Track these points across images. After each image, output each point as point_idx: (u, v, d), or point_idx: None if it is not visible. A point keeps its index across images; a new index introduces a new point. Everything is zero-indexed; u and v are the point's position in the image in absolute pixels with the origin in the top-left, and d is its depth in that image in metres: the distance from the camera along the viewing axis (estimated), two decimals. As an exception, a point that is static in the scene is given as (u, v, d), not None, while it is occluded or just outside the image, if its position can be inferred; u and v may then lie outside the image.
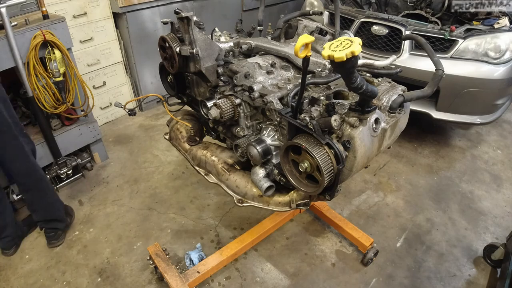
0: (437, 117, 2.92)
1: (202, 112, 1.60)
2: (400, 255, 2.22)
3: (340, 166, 1.17)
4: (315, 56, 1.59)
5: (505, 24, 2.76)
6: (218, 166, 1.64)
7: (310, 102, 1.27)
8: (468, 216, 2.55)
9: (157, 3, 3.30)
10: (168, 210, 2.49)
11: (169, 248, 2.17)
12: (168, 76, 1.85)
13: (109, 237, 2.27)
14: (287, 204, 1.52)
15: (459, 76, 2.69)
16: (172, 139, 1.90)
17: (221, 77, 1.53)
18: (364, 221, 2.45)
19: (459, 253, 2.26)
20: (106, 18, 3.11)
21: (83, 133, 2.64)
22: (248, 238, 2.02)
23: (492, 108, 2.89)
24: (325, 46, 0.90)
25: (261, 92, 1.42)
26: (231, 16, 4.04)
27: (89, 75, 3.17)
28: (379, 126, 1.26)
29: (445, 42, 2.78)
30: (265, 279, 2.04)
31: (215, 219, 2.42)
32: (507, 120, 3.78)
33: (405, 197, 2.70)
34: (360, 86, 0.99)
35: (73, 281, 2.01)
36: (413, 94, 1.33)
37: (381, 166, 3.02)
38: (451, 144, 3.37)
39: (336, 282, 2.04)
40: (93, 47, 3.11)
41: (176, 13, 1.35)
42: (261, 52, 1.69)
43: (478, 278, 2.12)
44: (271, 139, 1.45)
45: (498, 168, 3.08)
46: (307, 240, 2.29)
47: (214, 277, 2.03)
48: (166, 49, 1.47)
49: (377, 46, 3.06)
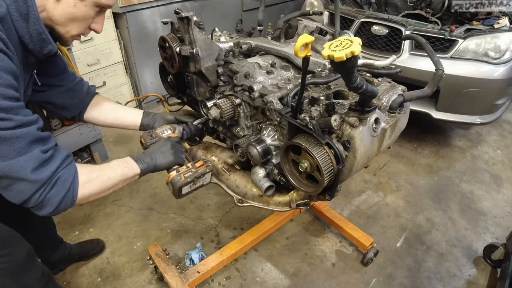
0: (437, 117, 2.92)
1: (202, 112, 1.59)
2: (400, 255, 2.22)
3: (340, 166, 1.17)
4: (315, 56, 1.59)
5: (505, 24, 2.76)
6: (218, 166, 1.64)
7: (310, 102, 1.27)
8: (468, 216, 2.55)
9: (157, 3, 3.30)
10: (168, 210, 2.49)
11: (169, 248, 2.17)
12: (168, 76, 1.85)
13: (109, 237, 2.27)
14: (287, 204, 1.52)
15: (459, 76, 2.69)
16: (172, 139, 1.90)
17: (221, 77, 1.53)
18: (364, 221, 2.45)
19: (459, 253, 2.26)
20: (106, 18, 3.08)
21: (83, 133, 2.64)
22: (248, 238, 2.02)
23: (492, 108, 2.89)
24: (325, 46, 0.90)
25: (261, 92, 1.42)
26: (231, 16, 4.04)
27: (89, 75, 3.17)
28: (379, 126, 1.26)
29: (445, 42, 2.78)
30: (265, 279, 2.04)
31: (215, 219, 2.42)
32: (507, 120, 3.78)
33: (405, 197, 2.70)
34: (360, 86, 0.99)
35: (73, 281, 2.01)
36: (413, 94, 1.33)
37: (381, 166, 3.02)
38: (451, 144, 3.38)
39: (336, 282, 2.04)
40: (93, 47, 3.11)
41: (176, 13, 1.35)
42: (261, 52, 1.69)
43: (478, 278, 2.12)
44: (271, 139, 1.45)
45: (498, 168, 3.08)
46: (307, 240, 2.29)
47: (214, 277, 2.03)
48: (166, 49, 1.47)
49: (377, 46, 3.06)
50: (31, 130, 0.94)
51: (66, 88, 1.37)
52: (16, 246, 1.39)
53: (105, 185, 1.07)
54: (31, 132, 0.94)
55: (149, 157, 1.23)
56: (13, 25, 0.97)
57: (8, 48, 0.94)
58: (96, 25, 1.15)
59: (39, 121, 0.99)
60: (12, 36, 0.98)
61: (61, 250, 1.95)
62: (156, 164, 1.24)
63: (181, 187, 1.25)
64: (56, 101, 1.36)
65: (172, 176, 1.24)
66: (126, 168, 1.16)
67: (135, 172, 1.17)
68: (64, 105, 1.38)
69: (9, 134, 0.89)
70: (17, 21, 0.97)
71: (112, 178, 1.10)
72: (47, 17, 1.04)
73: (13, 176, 0.91)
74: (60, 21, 1.05)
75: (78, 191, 1.00)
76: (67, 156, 1.01)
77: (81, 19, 1.08)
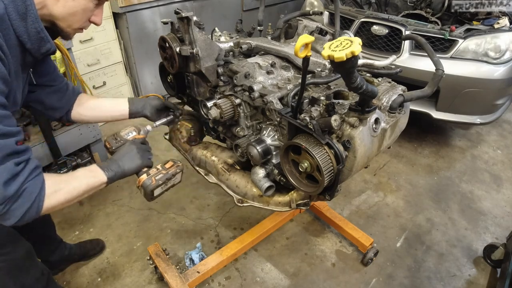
0: (437, 117, 2.92)
1: (202, 112, 1.59)
2: (400, 255, 2.22)
3: (340, 166, 1.17)
4: (315, 56, 1.59)
5: (505, 24, 2.76)
6: (218, 166, 1.64)
7: (310, 102, 1.27)
8: (468, 216, 2.55)
9: (157, 3, 3.30)
10: (168, 210, 2.49)
11: (169, 248, 2.17)
12: (168, 76, 1.85)
13: (109, 237, 2.27)
14: (287, 204, 1.52)
15: (459, 76, 2.69)
16: (172, 139, 1.90)
17: (221, 77, 1.53)
18: (364, 221, 2.45)
19: (459, 253, 2.26)
20: (106, 18, 3.11)
21: (83, 133, 2.64)
22: (248, 238, 2.02)
23: (492, 108, 2.90)
24: (325, 46, 0.90)
25: (261, 92, 1.42)
26: (231, 16, 4.04)
27: (89, 75, 3.17)
28: (379, 126, 1.26)
29: (445, 42, 2.78)
30: (265, 279, 2.04)
31: (215, 219, 2.42)
32: (507, 120, 3.78)
33: (405, 197, 2.70)
34: (360, 86, 0.99)
35: (73, 281, 2.01)
36: (413, 94, 1.33)
37: (381, 166, 3.02)
38: (451, 144, 3.38)
39: (336, 282, 2.04)
40: (93, 47, 3.11)
41: (176, 13, 1.35)
42: (261, 52, 1.69)
43: (478, 278, 2.12)
44: (271, 139, 1.45)
45: (498, 168, 3.08)
46: (307, 240, 2.29)
47: (214, 277, 2.03)
48: (166, 49, 1.47)
49: (377, 46, 3.06)
50: (9, 143, 0.93)
51: (56, 89, 1.39)
52: (15, 245, 1.39)
53: (70, 196, 1.08)
54: (9, 144, 0.93)
55: (115, 164, 1.21)
56: (11, 25, 0.98)
57: (3, 52, 0.94)
58: (96, 17, 1.17)
59: (19, 134, 0.98)
60: (10, 36, 0.99)
61: (61, 250, 1.95)
62: (124, 170, 1.22)
63: (152, 190, 1.24)
64: (45, 101, 1.37)
65: (143, 180, 1.23)
66: (92, 178, 1.15)
67: (101, 181, 1.16)
68: (52, 105, 1.40)
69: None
70: (15, 21, 0.98)
71: (77, 188, 1.10)
72: (48, 13, 1.05)
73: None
74: (61, 16, 1.07)
75: (43, 203, 0.99)
76: (35, 168, 1.00)
77: (81, 13, 1.10)
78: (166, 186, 1.29)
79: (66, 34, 1.14)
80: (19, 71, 1.08)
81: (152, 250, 1.94)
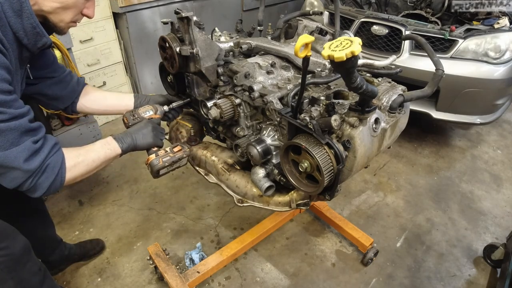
0: (437, 117, 2.92)
1: (202, 112, 1.59)
2: (400, 255, 2.22)
3: (340, 166, 1.17)
4: (315, 56, 1.59)
5: (505, 24, 2.76)
6: (218, 166, 1.64)
7: (310, 102, 1.27)
8: (468, 216, 2.55)
9: (157, 3, 3.31)
10: (168, 210, 2.49)
11: (169, 248, 2.17)
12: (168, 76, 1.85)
13: (109, 237, 2.27)
14: (287, 204, 1.52)
15: (459, 76, 2.69)
16: (172, 139, 1.90)
17: (221, 77, 1.53)
18: (364, 221, 2.45)
19: (459, 253, 2.26)
20: (106, 18, 3.11)
21: (83, 133, 2.65)
22: (248, 238, 2.02)
23: (492, 108, 2.90)
24: (325, 46, 0.90)
25: (261, 92, 1.42)
26: (231, 16, 4.04)
27: (89, 75, 3.17)
28: (379, 126, 1.26)
29: (445, 42, 2.78)
30: (265, 279, 2.04)
31: (215, 219, 2.42)
32: (507, 120, 3.78)
33: (405, 197, 2.70)
34: (360, 86, 0.99)
35: (73, 281, 2.01)
36: (413, 94, 1.33)
37: (381, 166, 3.02)
38: (451, 144, 3.38)
39: (336, 282, 2.04)
40: (93, 47, 3.11)
41: (176, 13, 1.35)
42: (261, 52, 1.69)
43: (478, 278, 2.12)
44: (271, 139, 1.45)
45: (498, 168, 3.08)
46: (307, 240, 2.29)
47: (214, 277, 2.03)
48: (166, 49, 1.47)
49: (377, 46, 3.06)
50: (23, 122, 1.01)
51: (57, 80, 1.42)
52: (13, 239, 1.40)
53: (89, 167, 1.19)
54: (23, 124, 1.01)
55: (130, 137, 1.31)
56: (7, 22, 1.01)
57: (3, 45, 0.99)
58: (88, 10, 1.19)
59: (30, 112, 1.06)
60: (7, 33, 1.02)
61: (61, 250, 1.94)
62: (136, 144, 1.32)
63: (158, 170, 1.34)
64: (48, 93, 1.41)
65: (151, 159, 1.33)
66: (109, 149, 1.25)
67: (116, 152, 1.26)
68: (56, 95, 1.43)
69: (3, 126, 0.96)
70: (11, 18, 1.01)
71: (96, 160, 1.20)
72: (39, 9, 1.08)
73: (8, 166, 0.99)
74: (52, 11, 1.10)
75: (65, 175, 1.10)
76: (54, 144, 1.10)
77: (72, 6, 1.12)
78: (171, 167, 1.38)
79: (59, 29, 1.16)
80: (17, 66, 1.12)
81: (152, 250, 1.94)
